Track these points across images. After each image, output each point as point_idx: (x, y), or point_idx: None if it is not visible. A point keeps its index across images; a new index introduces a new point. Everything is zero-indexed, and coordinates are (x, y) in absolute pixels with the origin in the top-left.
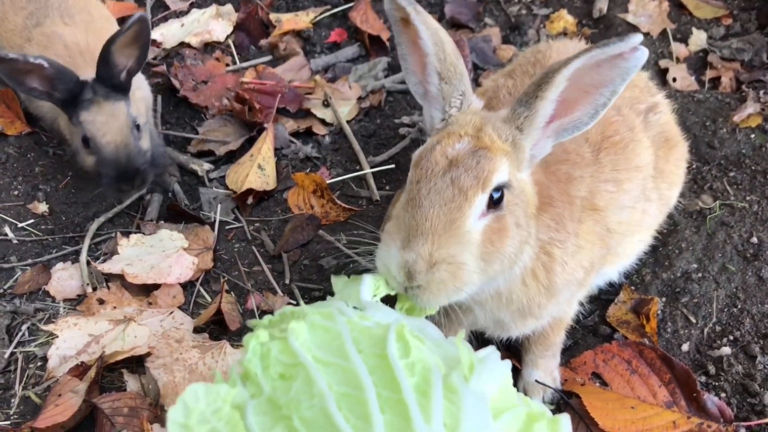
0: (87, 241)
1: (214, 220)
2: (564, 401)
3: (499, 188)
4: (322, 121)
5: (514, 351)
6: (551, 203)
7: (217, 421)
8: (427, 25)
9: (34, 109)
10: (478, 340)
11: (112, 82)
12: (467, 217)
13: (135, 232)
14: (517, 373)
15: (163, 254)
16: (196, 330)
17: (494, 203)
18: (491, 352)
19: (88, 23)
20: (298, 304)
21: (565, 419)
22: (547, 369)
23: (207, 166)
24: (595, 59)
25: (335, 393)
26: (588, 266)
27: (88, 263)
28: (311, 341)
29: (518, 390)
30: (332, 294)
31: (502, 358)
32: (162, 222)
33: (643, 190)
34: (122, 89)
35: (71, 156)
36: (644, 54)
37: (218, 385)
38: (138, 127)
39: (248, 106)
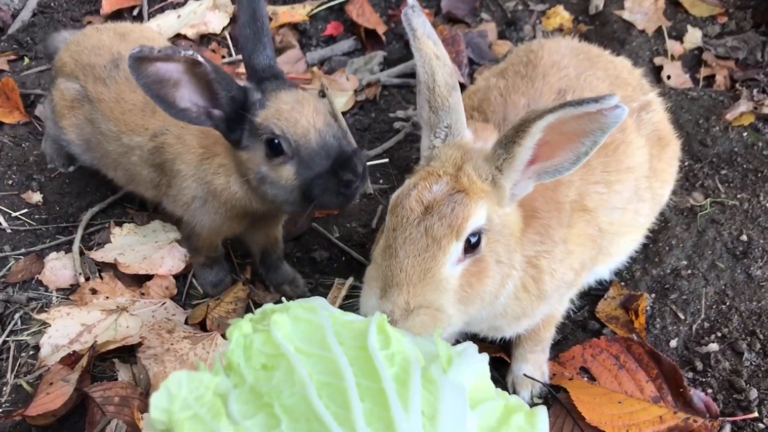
0: (80, 231)
1: None
2: (552, 395)
3: (476, 233)
4: None
5: (503, 344)
6: (535, 215)
7: (200, 407)
8: (422, 53)
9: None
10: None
11: (273, 71)
12: (442, 266)
13: (128, 222)
14: (506, 366)
15: (155, 245)
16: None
17: (471, 247)
18: (468, 346)
19: None
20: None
21: (542, 411)
22: (536, 363)
23: None
24: (571, 114)
25: (316, 382)
26: (579, 268)
27: (82, 253)
28: (293, 333)
29: (507, 384)
30: (323, 286)
31: (493, 352)
32: (154, 213)
33: (636, 190)
34: (285, 81)
35: (256, 190)
36: (624, 112)
37: (201, 373)
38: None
39: None
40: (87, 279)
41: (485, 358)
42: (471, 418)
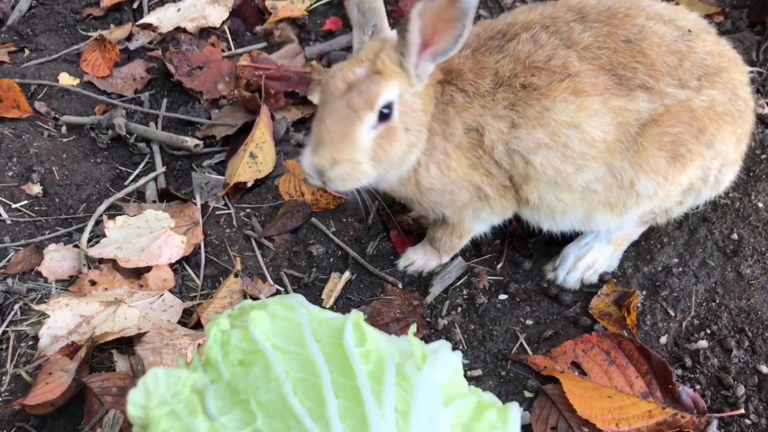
0: (91, 223)
1: (206, 205)
2: (541, 389)
3: (387, 105)
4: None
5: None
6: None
7: (177, 403)
8: None
9: None
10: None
11: None
12: (358, 129)
13: (120, 215)
14: None
15: (151, 235)
16: (186, 312)
17: (385, 116)
18: (442, 344)
19: None
20: (287, 291)
21: (514, 408)
22: (420, 251)
23: (192, 141)
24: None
25: (292, 378)
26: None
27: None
28: (271, 330)
29: None
30: (320, 280)
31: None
32: (143, 203)
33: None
34: None
35: None
36: None
37: (179, 369)
38: None
39: (259, 92)
40: (87, 269)
41: (458, 355)
42: (444, 414)
